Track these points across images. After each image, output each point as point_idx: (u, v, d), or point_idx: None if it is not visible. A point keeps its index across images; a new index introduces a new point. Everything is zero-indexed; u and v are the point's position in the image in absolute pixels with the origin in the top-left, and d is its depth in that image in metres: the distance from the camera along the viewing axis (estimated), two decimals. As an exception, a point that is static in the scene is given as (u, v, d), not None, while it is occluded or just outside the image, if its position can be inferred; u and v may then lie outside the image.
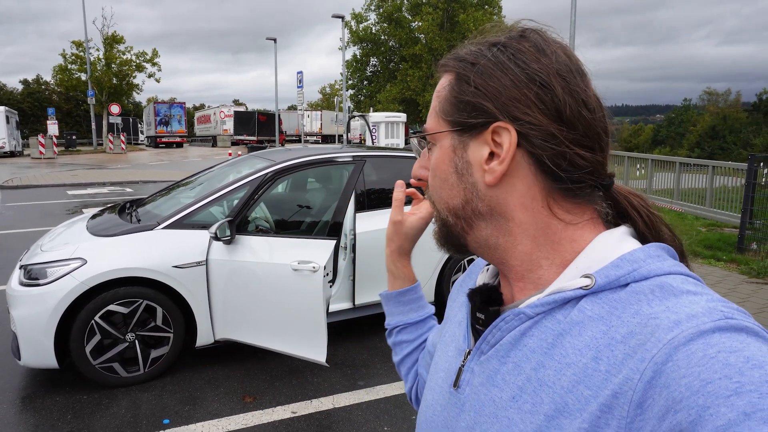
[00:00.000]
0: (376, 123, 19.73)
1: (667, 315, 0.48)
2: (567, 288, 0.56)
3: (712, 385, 0.41)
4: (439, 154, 0.64)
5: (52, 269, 3.37)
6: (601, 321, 0.52)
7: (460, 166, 0.62)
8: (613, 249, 0.57)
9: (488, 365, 0.60)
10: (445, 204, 0.64)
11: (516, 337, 0.58)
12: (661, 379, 0.44)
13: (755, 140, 35.56)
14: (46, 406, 3.30)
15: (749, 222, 7.35)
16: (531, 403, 0.54)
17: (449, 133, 0.62)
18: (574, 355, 0.52)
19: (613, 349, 0.49)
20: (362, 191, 4.33)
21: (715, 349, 0.43)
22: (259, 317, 3.53)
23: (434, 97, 0.66)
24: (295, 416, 3.22)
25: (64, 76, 35.47)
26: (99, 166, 21.37)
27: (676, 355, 0.44)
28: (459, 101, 0.61)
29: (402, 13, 34.46)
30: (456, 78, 0.62)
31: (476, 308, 0.65)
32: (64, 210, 10.64)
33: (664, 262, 0.55)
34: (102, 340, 3.41)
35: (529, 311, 0.58)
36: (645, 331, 0.48)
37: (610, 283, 0.54)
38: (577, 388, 0.50)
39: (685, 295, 0.50)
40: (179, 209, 3.80)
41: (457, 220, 0.63)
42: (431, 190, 0.67)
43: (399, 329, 0.94)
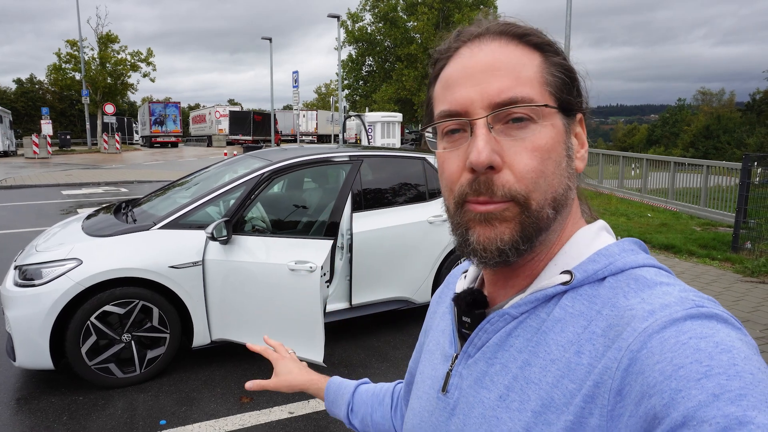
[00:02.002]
0: (372, 123, 19.73)
1: (642, 306, 0.50)
2: (548, 285, 0.57)
3: (683, 369, 0.42)
4: (553, 134, 0.57)
5: (48, 270, 3.35)
6: (582, 317, 0.54)
7: (571, 150, 0.59)
8: (590, 244, 0.59)
9: (476, 368, 0.61)
10: (552, 193, 0.57)
11: (502, 338, 0.59)
12: (636, 366, 0.45)
13: (749, 140, 35.77)
14: (42, 408, 3.28)
15: (743, 221, 7.39)
16: (519, 401, 0.54)
17: (558, 112, 0.58)
18: (557, 351, 0.53)
19: (594, 343, 0.51)
20: (359, 191, 4.33)
21: (687, 336, 0.45)
22: (256, 317, 3.52)
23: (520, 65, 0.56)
24: (293, 416, 3.21)
25: (58, 76, 35.29)
26: (93, 166, 21.27)
27: (650, 342, 0.46)
28: (569, 80, 0.59)
29: (397, 12, 34.44)
30: (555, 54, 0.59)
31: (462, 312, 0.65)
32: (58, 210, 10.58)
33: (637, 255, 0.57)
34: (98, 340, 3.40)
35: (513, 311, 0.59)
36: (622, 322, 0.50)
37: (588, 277, 0.56)
38: (562, 382, 0.51)
39: (658, 286, 0.52)
40: (175, 209, 3.79)
41: (553, 213, 0.57)
42: (537, 178, 0.55)
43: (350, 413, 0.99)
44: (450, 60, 0.60)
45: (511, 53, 0.57)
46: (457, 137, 0.58)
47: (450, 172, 0.59)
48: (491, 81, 0.55)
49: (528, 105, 0.55)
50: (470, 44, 0.59)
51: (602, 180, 14.22)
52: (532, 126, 0.55)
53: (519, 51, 0.57)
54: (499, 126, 0.55)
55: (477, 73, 0.56)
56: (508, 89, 0.55)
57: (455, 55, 0.60)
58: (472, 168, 0.55)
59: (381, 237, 4.27)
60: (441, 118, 0.59)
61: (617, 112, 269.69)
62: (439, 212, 4.55)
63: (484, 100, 0.55)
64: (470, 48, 0.58)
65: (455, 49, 0.60)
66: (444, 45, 0.62)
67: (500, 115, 0.55)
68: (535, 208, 0.55)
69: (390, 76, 34.89)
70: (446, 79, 0.60)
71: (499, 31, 0.58)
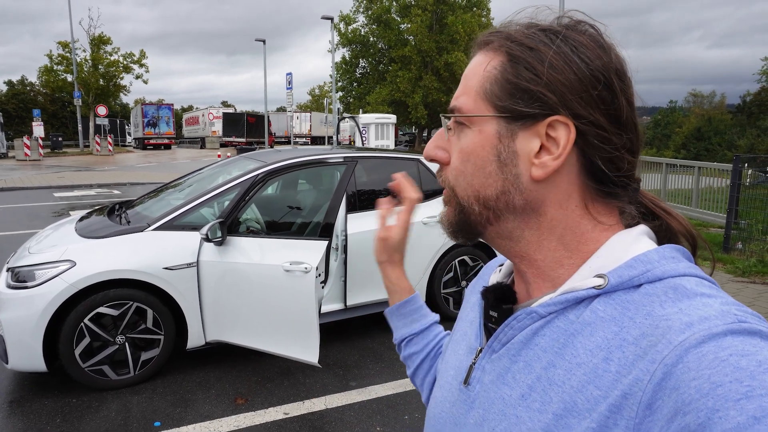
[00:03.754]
0: (366, 124, 19.75)
1: (679, 317, 0.48)
2: (579, 288, 0.56)
3: (722, 388, 0.40)
4: (477, 139, 0.60)
5: (41, 271, 3.33)
6: (613, 322, 0.52)
7: (504, 156, 0.59)
8: (628, 249, 0.57)
9: (499, 363, 0.61)
10: (474, 192, 0.61)
11: (528, 336, 0.58)
12: (671, 381, 0.44)
13: (739, 141, 36.08)
14: (35, 410, 3.26)
15: (734, 222, 7.46)
16: (540, 401, 0.54)
17: (495, 118, 0.58)
18: (585, 355, 0.52)
19: (624, 351, 0.49)
20: (353, 192, 4.34)
21: (727, 352, 0.43)
22: (250, 318, 3.52)
23: (472, 74, 0.61)
24: (288, 417, 3.21)
25: (50, 77, 35.06)
26: (86, 168, 21.14)
27: (686, 357, 0.44)
28: (514, 86, 0.57)
29: (391, 14, 34.49)
30: (510, 59, 0.58)
31: (489, 306, 0.65)
32: (50, 212, 10.51)
33: (678, 263, 0.55)
34: (91, 342, 3.38)
35: (541, 310, 0.58)
36: (656, 333, 0.48)
37: (623, 283, 0.54)
38: (587, 388, 0.50)
39: (698, 297, 0.50)
40: (170, 210, 3.78)
41: (484, 210, 0.61)
42: (457, 176, 0.62)
43: (406, 341, 0.94)
44: None
45: (474, 62, 0.62)
46: None
47: None
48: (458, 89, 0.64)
49: (455, 115, 0.62)
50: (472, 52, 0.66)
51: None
52: (466, 130, 0.61)
53: (480, 59, 0.62)
54: (455, 128, 0.63)
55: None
56: (456, 97, 0.63)
57: None
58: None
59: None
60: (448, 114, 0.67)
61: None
62: (434, 213, 4.56)
63: (449, 105, 0.64)
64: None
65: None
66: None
67: (456, 119, 0.63)
68: (462, 201, 0.63)
69: (384, 77, 34.92)
70: None
71: (478, 42, 0.64)
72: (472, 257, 4.73)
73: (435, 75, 33.35)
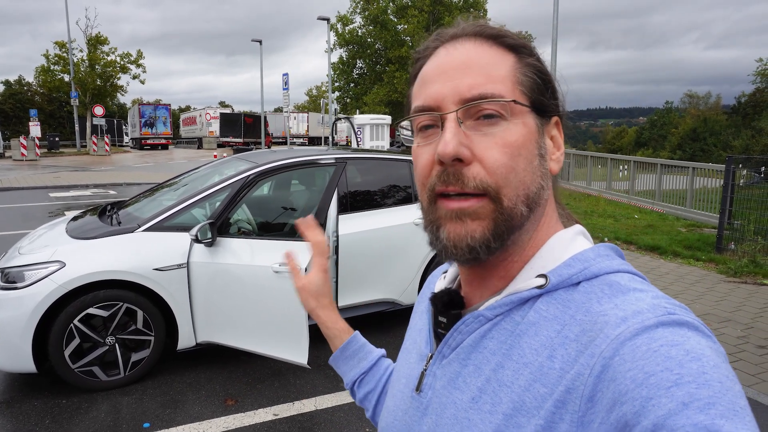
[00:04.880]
0: (361, 125, 19.75)
1: (614, 312, 0.50)
2: (523, 288, 0.58)
3: (654, 377, 0.43)
4: (524, 131, 0.57)
5: (30, 272, 3.33)
6: (556, 320, 0.54)
7: (543, 150, 0.60)
8: (566, 248, 0.59)
9: (450, 368, 0.61)
10: (525, 190, 0.57)
11: (476, 340, 0.59)
12: (608, 373, 0.46)
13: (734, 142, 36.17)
14: (24, 411, 3.26)
15: (727, 222, 7.48)
16: (490, 403, 0.55)
17: (530, 111, 0.59)
18: (531, 354, 0.53)
19: (567, 347, 0.51)
20: (345, 193, 4.35)
21: (658, 343, 0.45)
22: (240, 320, 3.52)
23: (491, 63, 0.58)
24: (277, 419, 3.22)
25: (47, 77, 34.94)
26: (82, 168, 21.09)
27: (622, 349, 0.46)
28: (545, 82, 0.60)
29: (387, 15, 34.51)
30: (531, 57, 0.60)
31: (438, 312, 0.65)
32: (46, 212, 10.48)
33: (612, 261, 0.57)
34: (81, 343, 3.38)
35: (488, 313, 0.59)
36: (595, 328, 0.50)
37: (563, 282, 0.56)
38: (534, 386, 0.52)
39: (631, 292, 0.52)
40: (160, 211, 3.78)
41: (526, 210, 0.58)
42: (507, 173, 0.56)
43: (358, 383, 0.91)
44: (428, 59, 0.62)
45: (484, 52, 0.58)
46: (430, 133, 0.59)
47: (422, 167, 0.59)
48: (463, 78, 0.57)
49: (496, 100, 0.56)
50: (447, 44, 0.61)
51: (591, 182, 14.33)
52: (502, 123, 0.56)
53: (493, 51, 0.59)
54: (470, 122, 0.56)
55: (451, 71, 0.58)
56: (478, 85, 0.56)
57: (433, 55, 0.61)
58: (441, 160, 0.56)
59: (367, 239, 4.28)
60: (415, 113, 0.61)
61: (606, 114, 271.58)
62: (425, 214, 4.57)
63: (455, 96, 0.57)
64: (447, 48, 0.60)
65: (433, 49, 0.62)
66: (423, 45, 0.64)
67: (471, 111, 0.56)
68: (508, 205, 0.56)
69: (381, 78, 34.94)
70: (423, 77, 0.61)
71: (474, 32, 0.60)
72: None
73: (432, 75, 33.33)
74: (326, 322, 0.93)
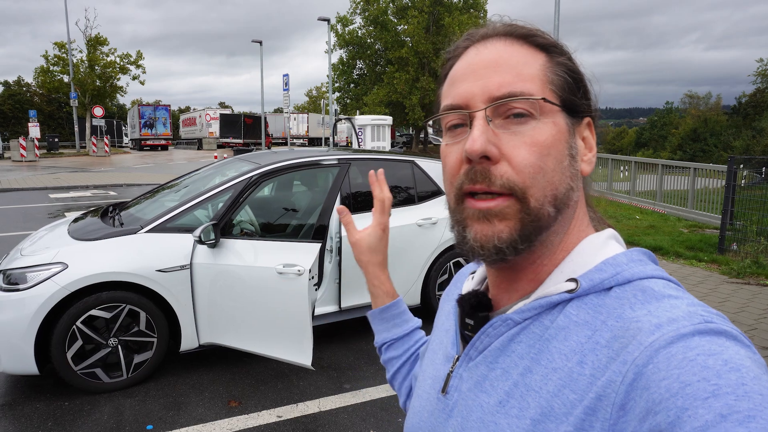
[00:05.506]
0: (362, 126, 19.74)
1: (648, 318, 0.49)
2: (553, 292, 0.57)
3: (690, 387, 0.41)
4: (554, 131, 0.57)
5: (32, 274, 3.31)
6: (586, 326, 0.53)
7: (574, 151, 0.59)
8: (597, 252, 0.58)
9: (476, 371, 0.61)
10: (553, 190, 0.56)
11: (504, 343, 0.58)
12: (641, 381, 0.45)
13: (735, 142, 36.19)
14: (26, 413, 3.24)
15: (729, 223, 7.47)
16: (518, 407, 0.54)
17: (561, 111, 0.58)
18: (560, 360, 0.53)
19: (598, 353, 0.50)
20: (348, 194, 4.33)
21: (695, 352, 0.44)
22: (244, 321, 3.50)
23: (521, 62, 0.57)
24: (281, 420, 3.20)
25: (46, 78, 34.91)
26: (82, 169, 21.08)
27: (656, 357, 0.45)
28: (577, 82, 0.59)
29: (387, 16, 34.50)
30: (562, 56, 0.59)
31: (465, 314, 0.65)
32: (46, 213, 10.47)
33: (645, 266, 0.56)
34: (84, 345, 3.37)
35: (516, 317, 0.58)
36: (627, 335, 0.49)
37: (594, 286, 0.55)
38: (563, 392, 0.51)
39: (666, 299, 0.51)
40: (163, 212, 3.76)
41: (554, 211, 0.57)
42: (534, 173, 0.55)
43: (387, 346, 0.93)
44: (458, 59, 0.62)
45: (515, 52, 0.58)
46: (459, 132, 0.59)
47: (450, 165, 0.59)
48: (492, 76, 0.57)
49: (526, 98, 0.55)
50: (478, 44, 0.60)
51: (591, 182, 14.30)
52: (532, 122, 0.56)
53: (523, 50, 0.58)
54: (499, 120, 0.56)
55: (480, 70, 0.58)
56: (508, 84, 0.56)
57: (463, 55, 0.61)
58: (468, 158, 0.55)
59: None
60: (444, 112, 0.61)
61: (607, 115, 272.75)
62: (428, 215, 4.56)
63: (485, 94, 0.56)
64: (477, 47, 0.60)
65: (463, 49, 0.62)
66: (453, 45, 0.64)
67: (500, 110, 0.56)
68: (534, 205, 0.55)
69: (381, 79, 34.93)
70: (452, 77, 0.61)
71: (505, 32, 0.60)
72: (466, 259, 4.71)
73: (432, 76, 33.35)
74: (373, 280, 0.94)
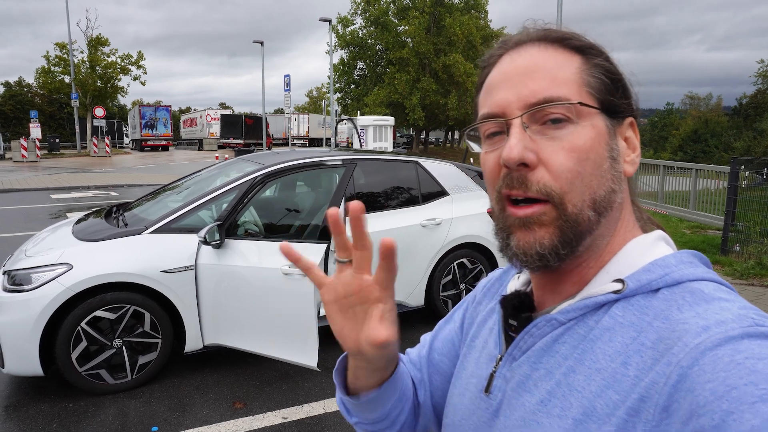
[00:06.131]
0: (364, 126, 19.74)
1: (696, 320, 0.48)
2: (598, 293, 0.56)
3: (737, 390, 0.40)
4: (593, 134, 0.56)
5: (37, 275, 3.31)
6: (632, 327, 0.52)
7: (615, 152, 0.58)
8: (645, 253, 0.58)
9: (520, 371, 0.61)
10: (591, 194, 0.56)
11: (548, 343, 0.59)
12: (686, 383, 0.44)
13: (736, 143, 36.18)
14: (31, 415, 3.23)
15: (732, 224, 7.46)
16: (560, 407, 0.54)
17: (599, 113, 0.57)
18: (604, 360, 0.52)
19: (642, 355, 0.50)
20: (352, 194, 4.32)
21: (743, 356, 0.43)
22: (249, 322, 3.49)
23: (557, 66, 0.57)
24: (286, 422, 3.19)
25: (47, 79, 34.93)
26: (83, 170, 21.08)
27: (702, 359, 0.44)
28: (616, 82, 0.59)
29: (388, 17, 34.51)
30: (599, 58, 0.59)
31: (509, 315, 0.65)
32: (47, 214, 10.47)
33: (696, 268, 0.55)
34: (88, 346, 3.35)
35: (560, 317, 0.58)
36: (673, 336, 0.48)
37: (641, 287, 0.54)
38: (606, 393, 0.51)
39: (716, 301, 0.50)
40: (167, 213, 3.76)
41: (594, 215, 0.56)
42: (573, 179, 0.55)
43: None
44: (493, 67, 0.62)
45: (549, 56, 0.58)
46: (497, 139, 0.60)
47: (490, 171, 0.60)
48: (528, 83, 0.57)
49: (561, 103, 0.55)
50: (512, 51, 0.61)
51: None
52: (569, 126, 0.55)
53: (558, 54, 0.58)
54: (536, 126, 0.56)
55: (515, 77, 0.58)
56: (543, 90, 0.56)
57: (498, 63, 0.62)
58: (506, 165, 0.56)
59: (374, 241, 4.26)
60: (481, 121, 0.61)
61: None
62: (433, 216, 4.55)
63: (520, 101, 0.57)
64: (511, 55, 0.60)
65: (498, 57, 0.62)
66: (488, 53, 0.65)
67: (537, 116, 0.56)
68: (572, 211, 0.55)
69: (382, 79, 34.93)
70: (488, 85, 0.62)
71: (538, 37, 0.60)
72: (470, 260, 4.71)
73: (433, 77, 33.36)
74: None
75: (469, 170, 5.01)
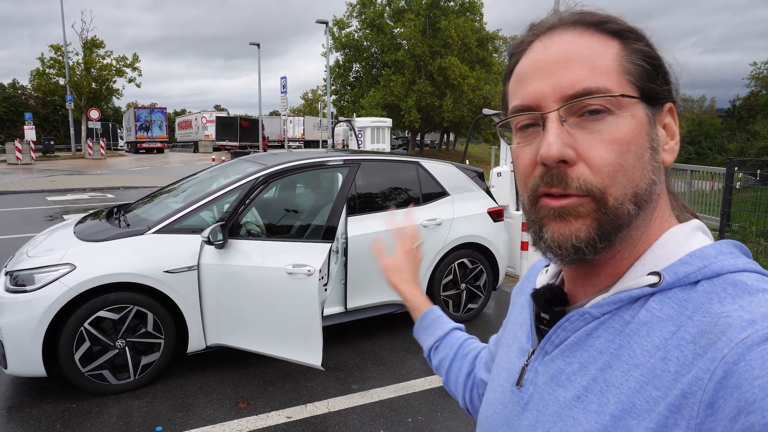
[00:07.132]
0: (362, 128, 19.75)
1: (740, 314, 0.46)
2: (634, 286, 0.55)
3: None
4: (633, 125, 0.53)
5: (40, 275, 3.30)
6: (671, 321, 0.51)
7: (655, 142, 0.55)
8: (682, 245, 0.56)
9: (552, 365, 0.60)
10: (633, 187, 0.53)
11: (581, 338, 0.57)
12: (732, 380, 0.42)
13: (729, 145, 36.47)
14: (34, 416, 3.23)
15: (727, 224, 7.52)
16: (597, 403, 0.53)
17: (640, 102, 0.54)
18: (642, 356, 0.51)
19: (683, 350, 0.48)
20: (353, 195, 4.34)
21: None
22: (252, 322, 3.50)
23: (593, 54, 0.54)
24: (290, 421, 3.20)
25: (42, 81, 34.76)
26: (78, 172, 20.98)
27: (749, 354, 0.42)
28: (655, 68, 0.55)
29: (384, 19, 34.60)
30: (639, 42, 0.56)
31: (540, 308, 0.63)
32: (44, 216, 10.42)
33: (737, 259, 0.53)
34: (91, 347, 3.35)
35: (594, 311, 0.56)
36: (716, 330, 0.46)
37: (679, 280, 0.52)
38: (645, 389, 0.49)
39: (760, 293, 0.48)
40: (170, 213, 3.76)
41: (634, 208, 0.54)
42: (614, 172, 0.53)
43: (433, 350, 0.99)
44: (524, 54, 0.59)
45: (585, 43, 0.54)
46: (530, 132, 0.57)
47: (523, 167, 0.57)
48: (564, 73, 0.54)
49: (603, 96, 0.52)
50: (543, 37, 0.57)
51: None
52: (609, 118, 0.53)
53: (595, 40, 0.55)
54: (573, 119, 0.54)
55: (549, 66, 0.55)
56: (581, 81, 0.53)
57: (529, 49, 0.58)
58: (544, 163, 0.54)
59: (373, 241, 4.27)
60: (513, 113, 0.58)
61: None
62: (433, 216, 4.57)
63: (557, 93, 0.54)
64: (543, 41, 0.57)
65: (529, 43, 0.59)
66: (518, 39, 0.61)
67: (574, 108, 0.53)
68: (613, 204, 0.53)
69: (377, 81, 35.00)
70: (519, 74, 0.58)
71: (573, 21, 0.56)
72: (471, 260, 4.74)
73: (428, 79, 33.45)
74: (406, 295, 1.05)
75: (469, 171, 5.04)
